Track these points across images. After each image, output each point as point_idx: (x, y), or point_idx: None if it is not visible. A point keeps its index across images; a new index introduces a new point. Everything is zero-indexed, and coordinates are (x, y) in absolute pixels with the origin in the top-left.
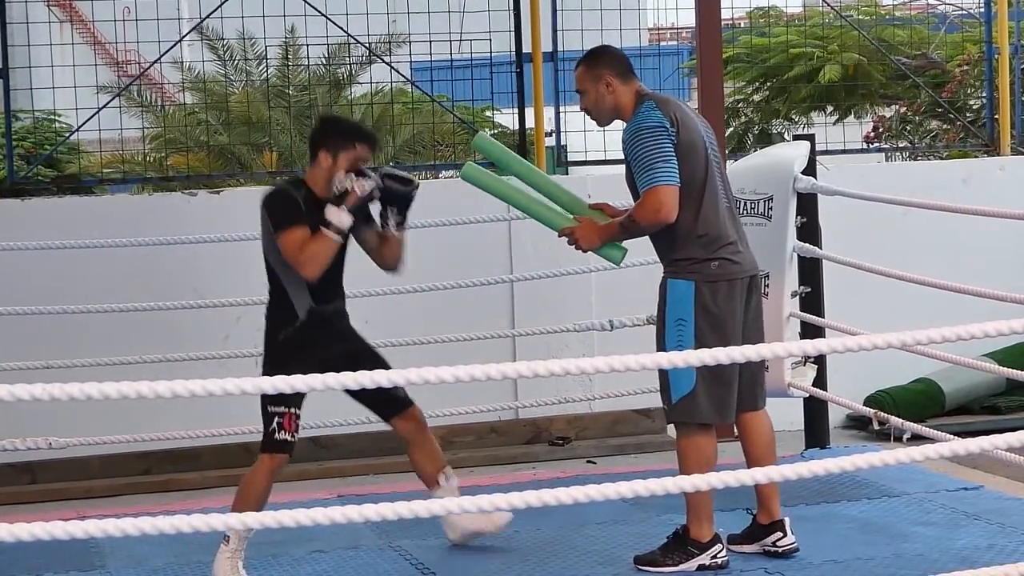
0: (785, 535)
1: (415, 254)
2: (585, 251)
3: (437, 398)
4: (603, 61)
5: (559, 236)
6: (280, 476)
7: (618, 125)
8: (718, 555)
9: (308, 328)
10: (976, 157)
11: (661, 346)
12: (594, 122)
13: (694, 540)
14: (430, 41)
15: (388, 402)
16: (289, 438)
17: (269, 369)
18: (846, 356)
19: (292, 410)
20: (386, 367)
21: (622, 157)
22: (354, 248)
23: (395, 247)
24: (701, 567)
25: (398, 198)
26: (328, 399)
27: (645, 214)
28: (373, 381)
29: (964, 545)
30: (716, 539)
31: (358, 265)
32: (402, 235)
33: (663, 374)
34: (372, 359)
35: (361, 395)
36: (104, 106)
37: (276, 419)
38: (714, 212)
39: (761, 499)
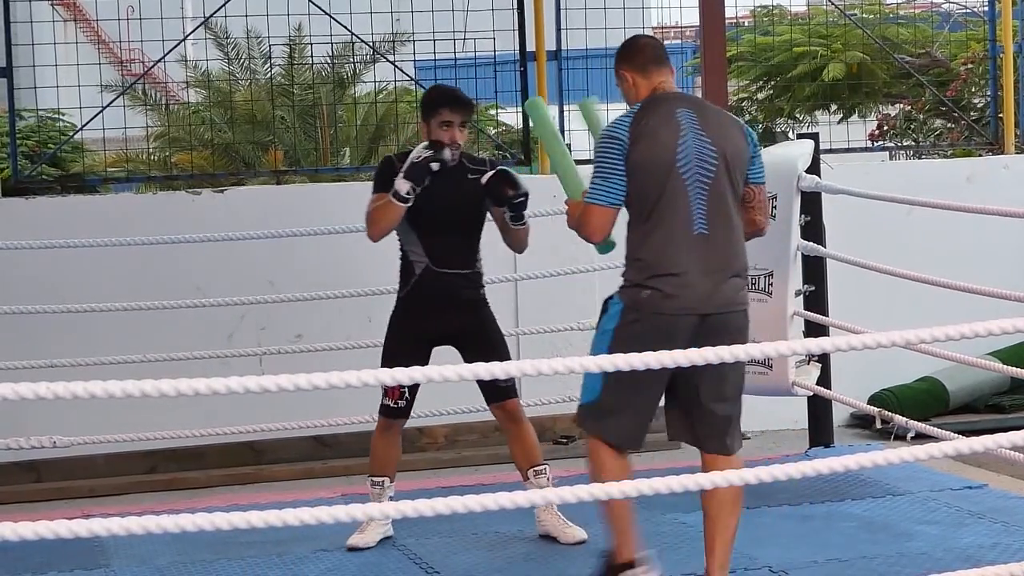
0: None
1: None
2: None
3: (441, 397)
4: (623, 54)
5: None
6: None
7: None
8: None
9: (422, 287)
10: (980, 156)
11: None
12: None
13: (615, 564)
14: (434, 40)
15: (488, 388)
16: (391, 404)
17: (388, 332)
18: (850, 355)
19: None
20: (501, 358)
21: None
22: (346, 252)
23: (517, 235)
24: None
25: (504, 200)
26: (330, 397)
27: (577, 227)
28: (360, 380)
29: (968, 544)
30: (636, 562)
31: (360, 264)
32: (520, 227)
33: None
34: (487, 347)
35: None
36: (108, 105)
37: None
38: (664, 238)
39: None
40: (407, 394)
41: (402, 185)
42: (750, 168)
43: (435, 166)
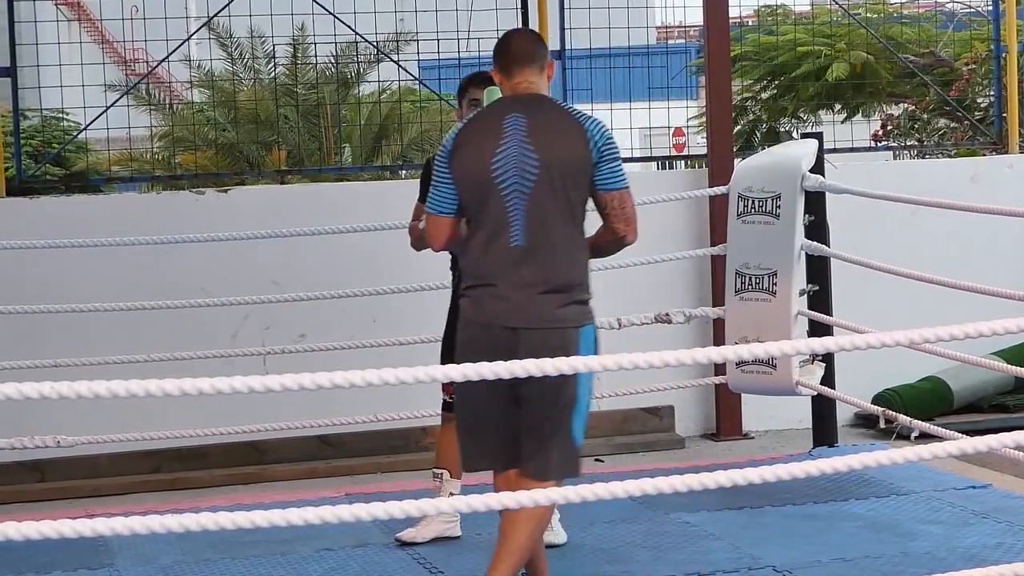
0: None
1: (424, 252)
2: None
3: None
4: (493, 53)
5: None
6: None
7: (623, 123)
8: None
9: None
10: (984, 155)
11: None
12: None
13: None
14: (438, 39)
15: None
16: (447, 398)
17: (445, 327)
18: (854, 354)
19: None
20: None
21: (628, 155)
22: (349, 252)
23: None
24: None
25: None
26: (334, 397)
27: None
28: (364, 380)
29: (972, 543)
30: None
31: (364, 264)
32: None
33: None
34: None
35: None
36: (112, 104)
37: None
38: (480, 248)
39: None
40: None
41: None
42: (596, 175)
43: None
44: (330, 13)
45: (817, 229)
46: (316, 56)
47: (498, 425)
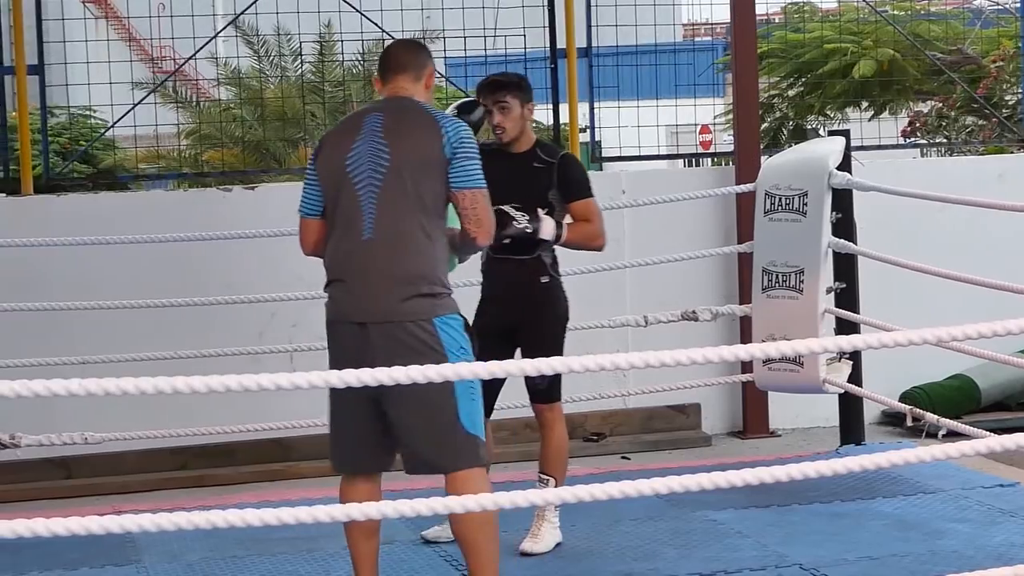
0: None
1: None
2: None
3: None
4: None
5: None
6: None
7: (650, 120)
8: None
9: (485, 275)
10: (1012, 153)
11: None
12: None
13: None
14: (464, 37)
15: (529, 389)
16: None
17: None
18: (881, 352)
19: None
20: (546, 349)
21: (655, 153)
22: None
23: None
24: None
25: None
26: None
27: None
28: (390, 378)
29: (1000, 542)
30: None
31: None
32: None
33: None
34: (532, 347)
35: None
36: (139, 102)
37: None
38: (334, 245)
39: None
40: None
41: None
42: (450, 172)
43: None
44: (357, 10)
45: (844, 227)
46: (343, 53)
47: (360, 428)
